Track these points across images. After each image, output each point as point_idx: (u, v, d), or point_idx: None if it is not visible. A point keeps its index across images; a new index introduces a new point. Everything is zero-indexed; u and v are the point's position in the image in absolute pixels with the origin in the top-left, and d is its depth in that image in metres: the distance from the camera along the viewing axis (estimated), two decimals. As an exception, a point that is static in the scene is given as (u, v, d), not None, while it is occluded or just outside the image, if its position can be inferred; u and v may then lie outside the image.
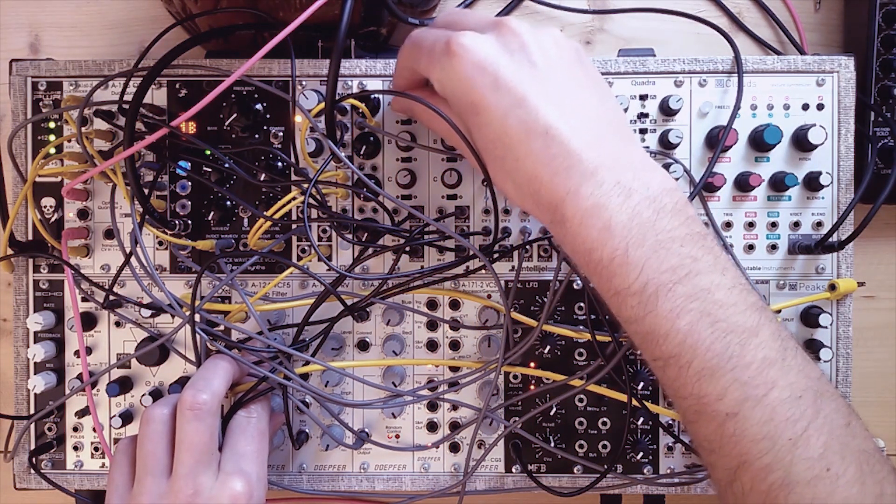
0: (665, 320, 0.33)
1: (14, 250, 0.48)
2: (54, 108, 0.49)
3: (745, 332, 0.33)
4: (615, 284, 0.34)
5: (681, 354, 0.33)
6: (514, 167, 0.36)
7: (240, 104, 0.48)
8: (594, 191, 0.34)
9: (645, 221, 0.34)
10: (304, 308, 0.48)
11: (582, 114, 0.36)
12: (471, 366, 0.49)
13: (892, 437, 0.57)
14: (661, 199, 0.34)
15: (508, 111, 0.35)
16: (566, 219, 0.35)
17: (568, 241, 0.36)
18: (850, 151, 0.49)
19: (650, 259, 0.33)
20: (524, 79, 0.36)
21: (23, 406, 0.50)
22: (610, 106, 0.38)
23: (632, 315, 0.35)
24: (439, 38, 0.38)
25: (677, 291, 0.33)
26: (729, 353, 0.33)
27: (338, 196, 0.49)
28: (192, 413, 0.41)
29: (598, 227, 0.34)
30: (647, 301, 0.33)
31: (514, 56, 0.36)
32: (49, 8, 0.58)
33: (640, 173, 0.35)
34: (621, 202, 0.34)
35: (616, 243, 0.34)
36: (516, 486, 0.51)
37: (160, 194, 0.50)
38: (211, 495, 0.40)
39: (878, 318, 0.57)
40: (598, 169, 0.34)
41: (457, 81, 0.37)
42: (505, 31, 0.37)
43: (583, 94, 0.37)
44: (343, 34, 0.38)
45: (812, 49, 0.57)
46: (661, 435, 0.50)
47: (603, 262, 0.34)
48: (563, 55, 0.38)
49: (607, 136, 0.36)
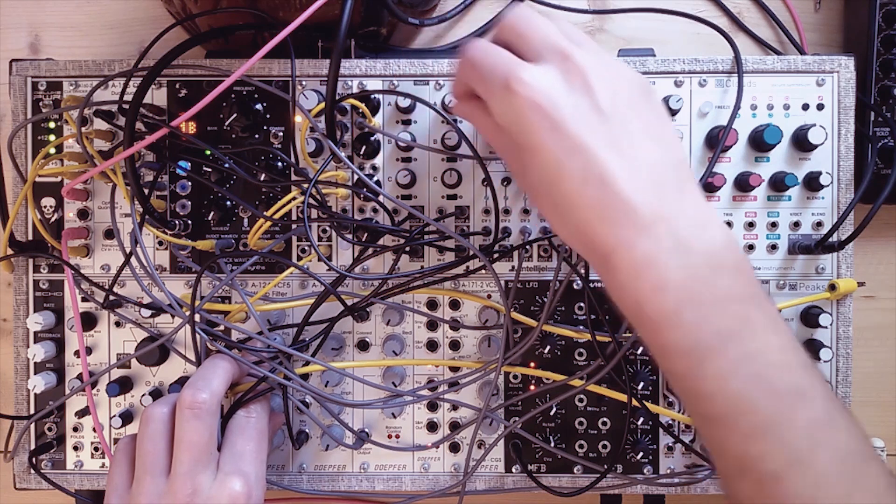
0: (714, 381, 0.32)
1: (14, 250, 0.48)
2: (54, 108, 0.49)
3: (795, 395, 0.32)
4: (663, 341, 0.33)
5: (728, 415, 0.32)
6: (566, 212, 0.35)
7: (240, 104, 0.48)
8: (648, 245, 0.33)
9: (700, 280, 0.32)
10: (304, 308, 0.48)
11: (642, 162, 0.34)
12: (471, 366, 0.49)
13: (892, 437, 0.57)
14: (719, 256, 0.33)
15: (565, 156, 0.34)
16: (617, 270, 0.34)
17: (616, 291, 0.35)
18: (850, 151, 0.49)
19: (703, 319, 0.32)
20: (585, 123, 0.34)
21: (23, 406, 0.50)
22: (673, 153, 0.36)
23: (679, 373, 0.34)
24: (498, 68, 0.35)
25: (728, 353, 0.32)
26: (777, 415, 0.32)
27: (338, 196, 0.49)
28: (190, 412, 0.41)
29: (651, 284, 0.33)
30: (697, 362, 0.32)
31: (576, 97, 0.34)
32: (49, 8, 0.58)
33: (699, 229, 0.34)
34: (677, 259, 0.33)
35: (669, 302, 0.32)
36: (516, 486, 0.51)
37: (160, 194, 0.50)
38: (209, 495, 0.40)
39: (878, 318, 0.57)
40: (654, 222, 0.33)
41: (514, 119, 0.35)
42: (570, 67, 0.35)
43: (645, 140, 0.35)
44: (343, 34, 0.38)
45: (812, 49, 0.57)
46: (661, 435, 0.50)
47: (653, 318, 0.33)
48: (628, 97, 0.35)
49: (667, 186, 0.34)
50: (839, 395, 0.49)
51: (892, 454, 0.56)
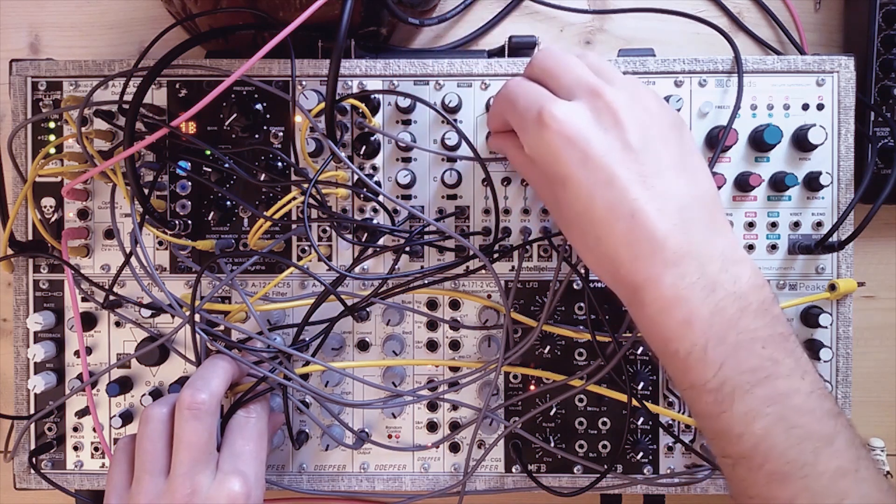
0: (740, 421, 0.33)
1: (14, 250, 0.48)
2: (54, 108, 0.49)
3: (821, 440, 0.32)
4: (691, 378, 0.34)
5: (753, 457, 0.33)
6: (595, 245, 0.36)
7: (240, 104, 0.48)
8: (677, 281, 0.33)
9: (728, 319, 0.33)
10: (304, 308, 0.48)
11: (671, 197, 0.35)
12: (471, 366, 0.49)
13: (892, 437, 0.57)
14: (747, 296, 0.33)
15: (595, 189, 0.34)
16: (645, 304, 0.34)
17: (644, 326, 0.35)
18: (850, 151, 0.49)
19: (730, 358, 0.33)
20: (615, 158, 0.34)
21: (23, 406, 0.50)
22: (703, 188, 0.36)
23: (706, 411, 0.34)
24: (532, 104, 0.36)
25: (755, 394, 0.32)
26: (802, 460, 0.32)
27: (338, 196, 0.49)
28: (190, 412, 0.41)
29: (678, 320, 0.33)
30: (724, 400, 0.33)
31: (607, 133, 0.35)
32: (49, 8, 0.58)
33: (728, 265, 0.34)
34: (704, 296, 0.33)
35: (695, 338, 0.33)
36: (516, 486, 0.51)
37: (160, 194, 0.50)
38: (208, 495, 0.40)
39: (878, 318, 0.57)
40: (682, 258, 0.33)
41: (546, 152, 0.36)
42: (601, 105, 0.36)
43: (675, 175, 0.35)
44: (343, 34, 0.38)
45: (812, 49, 0.57)
46: (661, 435, 0.50)
47: (679, 354, 0.34)
48: (658, 133, 0.36)
49: (696, 222, 0.35)
50: (839, 396, 0.49)
51: (892, 454, 0.56)
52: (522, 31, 0.55)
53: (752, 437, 0.32)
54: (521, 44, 0.52)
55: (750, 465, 0.33)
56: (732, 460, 0.34)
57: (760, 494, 0.33)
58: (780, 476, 0.32)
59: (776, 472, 0.32)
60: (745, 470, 0.33)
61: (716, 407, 0.33)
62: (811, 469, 0.32)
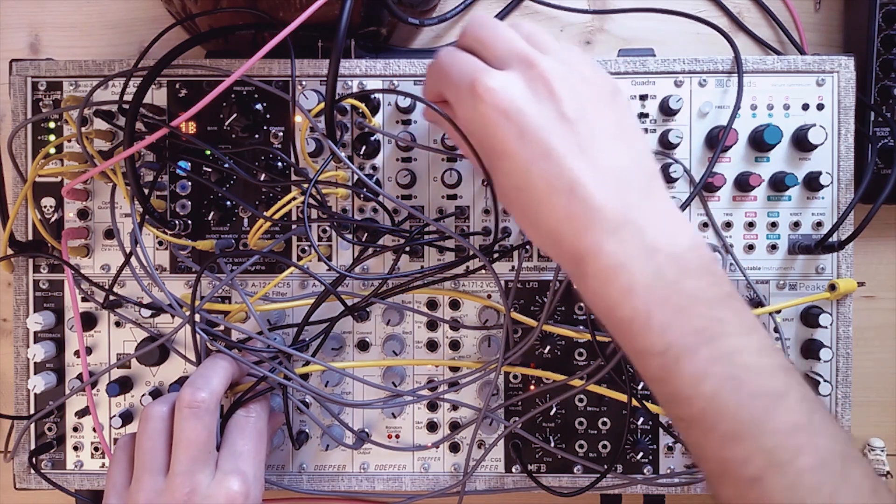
0: (689, 384, 0.32)
1: (14, 250, 0.48)
2: (54, 108, 0.49)
3: (772, 397, 0.32)
4: (637, 344, 0.34)
5: (705, 418, 0.32)
6: (535, 218, 0.35)
7: (240, 104, 0.48)
8: (616, 248, 0.33)
9: (669, 281, 0.33)
10: (304, 308, 0.48)
11: (608, 167, 0.34)
12: (471, 366, 0.49)
13: (892, 437, 0.57)
14: (686, 256, 0.33)
15: (532, 163, 0.34)
16: (587, 275, 0.34)
17: (589, 297, 0.35)
18: (850, 151, 0.49)
19: (673, 321, 0.32)
20: (551, 129, 0.34)
21: (23, 406, 0.50)
22: (639, 155, 0.36)
23: (655, 376, 0.34)
24: (465, 73, 0.36)
25: (701, 354, 0.32)
26: (754, 418, 0.31)
27: (338, 196, 0.49)
28: (189, 411, 0.41)
29: (620, 287, 0.33)
30: (671, 363, 0.32)
31: (541, 104, 0.35)
32: (49, 8, 0.58)
33: (666, 229, 0.34)
34: (644, 261, 0.33)
35: (638, 304, 0.33)
36: (516, 486, 0.51)
37: (160, 194, 0.50)
38: (207, 494, 0.40)
39: (878, 318, 0.57)
40: (620, 225, 0.33)
41: (481, 125, 0.35)
42: (535, 75, 0.35)
43: (611, 144, 0.35)
44: (342, 34, 0.38)
45: (812, 49, 0.57)
46: (661, 435, 0.50)
47: (624, 321, 0.33)
48: (594, 101, 0.36)
49: (633, 188, 0.35)
50: (839, 396, 0.49)
51: (892, 454, 0.56)
52: (522, 31, 0.55)
53: (702, 398, 0.32)
54: (521, 44, 0.52)
55: (703, 427, 0.32)
56: (686, 423, 0.33)
57: (716, 456, 0.33)
58: (734, 435, 0.32)
59: (729, 432, 0.32)
60: (699, 432, 0.33)
61: (664, 371, 0.33)
62: (764, 426, 0.31)
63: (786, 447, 0.31)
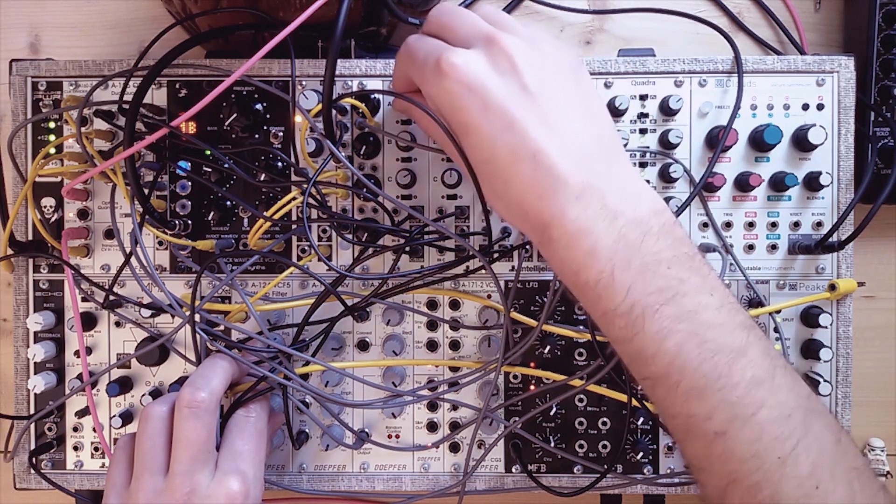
0: (652, 341, 0.33)
1: (14, 250, 0.48)
2: (54, 108, 0.49)
3: (733, 352, 0.33)
4: (602, 306, 0.35)
5: (669, 374, 0.33)
6: (502, 189, 0.36)
7: (240, 104, 0.48)
8: (580, 214, 0.34)
9: (631, 244, 0.34)
10: (304, 308, 0.48)
11: (570, 136, 0.36)
12: (471, 366, 0.49)
13: (892, 437, 0.57)
14: (647, 220, 0.35)
15: (497, 134, 0.35)
16: (552, 240, 0.35)
17: (555, 262, 0.36)
18: (850, 151, 0.49)
19: (636, 281, 0.34)
20: (514, 101, 0.35)
21: (23, 406, 0.50)
22: (601, 125, 0.38)
23: (620, 336, 0.35)
24: (430, 54, 0.37)
25: (664, 313, 0.33)
26: (717, 373, 0.33)
27: (338, 196, 0.49)
28: (189, 411, 0.41)
29: (584, 250, 0.34)
30: (635, 322, 0.34)
31: (504, 78, 0.36)
32: (49, 8, 0.58)
33: (628, 196, 0.35)
34: (606, 225, 0.34)
35: (602, 266, 0.34)
36: (516, 486, 0.51)
37: (160, 194, 0.50)
38: (207, 493, 0.40)
39: (878, 318, 0.57)
40: (583, 192, 0.34)
41: (447, 101, 0.37)
42: (496, 50, 0.36)
43: (573, 116, 0.37)
44: (339, 34, 0.38)
45: (812, 49, 0.57)
46: (661, 435, 0.50)
47: (589, 284, 0.34)
48: (555, 74, 0.37)
49: (596, 157, 0.36)
50: (839, 396, 0.49)
51: (892, 454, 0.56)
52: (522, 31, 0.55)
53: (666, 355, 0.33)
54: (521, 44, 0.52)
55: (667, 384, 0.34)
56: (651, 381, 0.35)
57: (681, 412, 0.34)
58: (697, 391, 0.33)
59: (693, 388, 0.33)
60: (664, 389, 0.34)
61: (628, 330, 0.34)
62: (726, 381, 0.33)
63: (748, 401, 0.32)
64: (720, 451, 0.33)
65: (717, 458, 0.33)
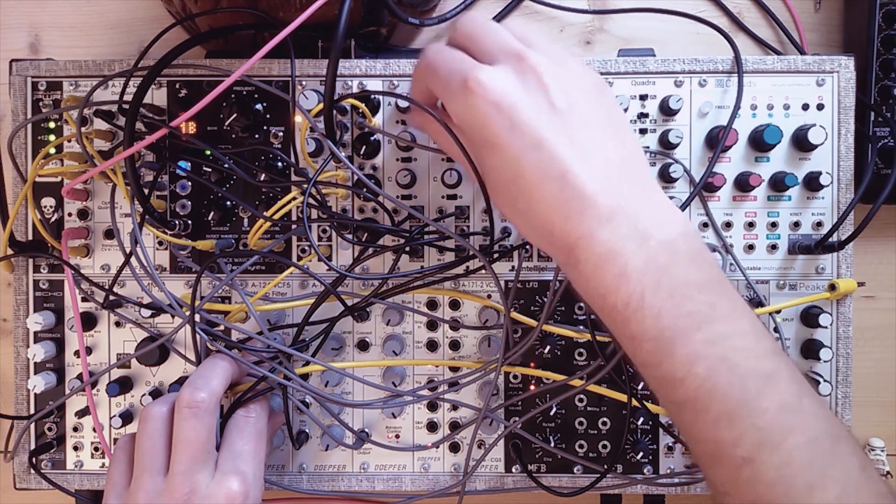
0: (682, 366, 0.33)
1: (14, 250, 0.48)
2: (54, 108, 0.49)
3: (763, 378, 0.33)
4: (630, 329, 0.34)
5: (697, 399, 0.33)
6: (527, 208, 0.36)
7: (240, 104, 0.48)
8: (609, 236, 0.34)
9: (661, 267, 0.33)
10: (304, 308, 0.48)
11: (599, 156, 0.35)
12: (471, 366, 0.49)
13: (892, 437, 0.57)
14: (677, 243, 0.34)
15: (524, 153, 0.35)
16: (579, 262, 0.34)
17: (581, 285, 0.35)
18: (850, 151, 0.49)
19: (666, 305, 0.33)
20: (542, 120, 0.35)
21: (23, 406, 0.50)
22: (629, 147, 0.37)
23: (647, 360, 0.34)
24: (455, 71, 0.36)
25: (694, 337, 0.33)
26: (746, 398, 0.32)
27: (338, 196, 0.49)
28: (189, 411, 0.41)
29: (613, 273, 0.33)
30: (664, 347, 0.33)
31: (532, 96, 0.35)
32: (49, 8, 0.58)
33: (657, 217, 0.35)
34: (636, 247, 0.33)
35: (631, 289, 0.33)
36: (516, 486, 0.51)
37: (160, 194, 0.50)
38: (207, 494, 0.40)
39: (878, 318, 0.57)
40: (613, 213, 0.34)
41: (472, 118, 0.36)
42: (525, 68, 0.36)
43: (601, 135, 0.36)
44: (341, 34, 0.38)
45: (812, 49, 0.57)
46: (661, 435, 0.50)
47: (618, 307, 0.34)
48: (583, 94, 0.37)
49: (624, 178, 0.35)
50: (839, 396, 0.49)
51: (892, 454, 0.56)
52: (522, 31, 0.55)
53: (695, 379, 0.33)
54: (521, 44, 0.52)
55: (695, 409, 0.33)
56: (678, 406, 0.34)
57: (708, 438, 0.33)
58: (726, 416, 0.32)
59: (721, 413, 0.32)
60: (692, 414, 0.33)
61: (656, 355, 0.33)
62: (755, 406, 0.32)
63: (777, 427, 0.32)
64: (747, 477, 0.32)
65: (744, 484, 0.33)
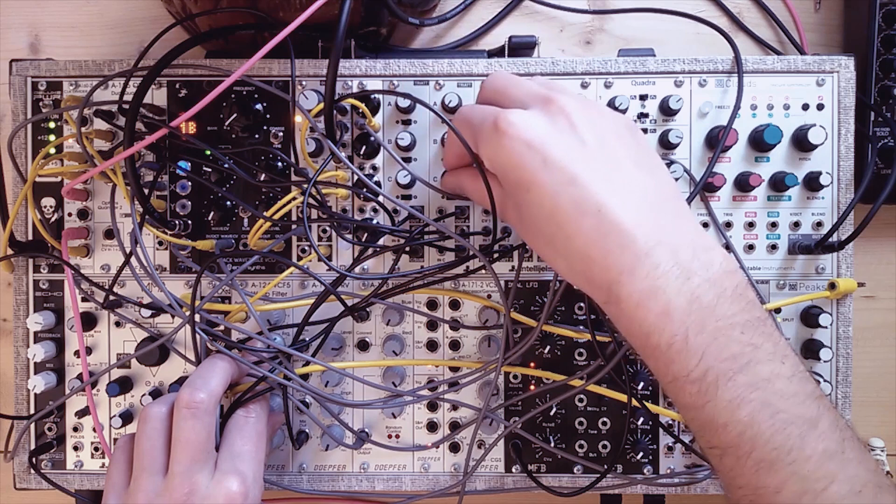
0: (725, 410, 0.32)
1: (14, 250, 0.48)
2: (54, 108, 0.49)
3: (806, 424, 0.32)
4: (673, 371, 0.33)
5: (740, 445, 0.32)
6: (564, 245, 0.35)
7: (240, 104, 0.48)
8: (650, 272, 0.33)
9: (705, 306, 0.32)
10: (304, 308, 0.48)
11: (635, 190, 0.35)
12: (471, 366, 0.49)
13: (892, 437, 0.57)
14: (721, 282, 0.33)
15: (559, 189, 0.35)
16: (621, 300, 0.34)
17: (623, 323, 0.35)
18: (850, 151, 0.49)
19: (710, 346, 0.32)
20: (575, 157, 0.35)
21: (23, 406, 0.50)
22: (663, 180, 0.37)
23: (690, 402, 0.34)
24: (487, 116, 0.37)
25: (738, 381, 0.32)
26: (789, 445, 0.32)
27: (338, 196, 0.49)
28: (188, 411, 0.41)
29: (656, 311, 0.33)
30: (707, 390, 0.32)
31: (563, 134, 0.36)
32: (49, 8, 0.58)
33: (699, 252, 0.34)
34: (680, 285, 0.33)
35: (675, 329, 0.32)
36: (516, 486, 0.51)
37: (160, 194, 0.50)
38: (206, 494, 0.40)
39: (878, 318, 0.57)
40: (653, 248, 0.33)
41: (506, 159, 0.36)
42: (554, 110, 0.36)
43: (635, 170, 0.36)
44: (341, 34, 0.38)
45: (812, 49, 0.57)
46: (661, 435, 0.50)
47: (661, 347, 0.33)
48: (614, 132, 0.37)
49: (662, 212, 0.35)
50: (839, 396, 0.49)
51: (892, 454, 0.56)
52: (522, 32, 0.55)
53: (738, 424, 0.32)
54: (521, 44, 0.52)
55: (737, 454, 0.33)
56: (720, 450, 0.34)
57: (749, 483, 0.33)
58: (768, 462, 0.32)
59: (763, 459, 0.32)
60: (733, 459, 0.33)
61: (700, 397, 0.33)
62: (798, 453, 0.32)
63: (819, 475, 0.31)
64: None
65: None
